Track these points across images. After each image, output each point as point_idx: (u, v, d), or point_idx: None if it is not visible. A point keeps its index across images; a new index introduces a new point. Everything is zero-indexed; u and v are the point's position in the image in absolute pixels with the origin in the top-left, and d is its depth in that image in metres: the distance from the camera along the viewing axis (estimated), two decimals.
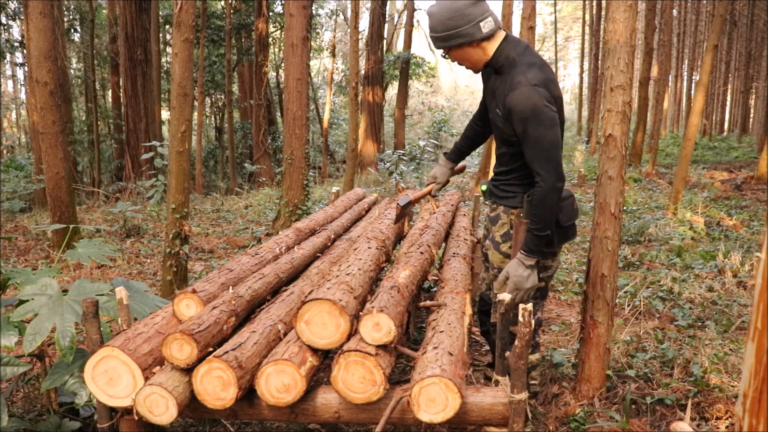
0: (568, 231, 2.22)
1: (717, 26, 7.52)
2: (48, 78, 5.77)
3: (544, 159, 2.01)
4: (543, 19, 41.12)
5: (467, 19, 2.04)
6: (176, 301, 2.14)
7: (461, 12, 2.04)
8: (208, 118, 20.59)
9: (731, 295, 4.39)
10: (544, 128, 2.00)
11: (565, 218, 2.17)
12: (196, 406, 1.83)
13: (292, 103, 6.42)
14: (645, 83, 13.16)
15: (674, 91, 33.00)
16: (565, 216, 2.17)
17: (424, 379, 1.68)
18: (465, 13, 2.04)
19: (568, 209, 2.19)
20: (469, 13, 2.04)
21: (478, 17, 2.04)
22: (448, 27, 2.06)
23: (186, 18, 4.03)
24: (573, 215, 2.22)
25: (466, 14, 2.04)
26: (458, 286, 2.50)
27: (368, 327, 1.81)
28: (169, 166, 4.22)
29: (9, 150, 21.95)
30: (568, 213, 2.19)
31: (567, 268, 5.38)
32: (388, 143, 21.13)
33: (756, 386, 0.82)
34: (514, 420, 1.79)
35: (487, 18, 2.06)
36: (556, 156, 2.02)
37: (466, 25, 2.04)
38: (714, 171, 12.83)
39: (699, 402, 2.75)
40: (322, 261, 2.90)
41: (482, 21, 2.05)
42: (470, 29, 2.05)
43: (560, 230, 2.16)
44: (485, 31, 2.06)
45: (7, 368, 2.06)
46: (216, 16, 15.57)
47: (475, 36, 2.06)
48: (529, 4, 6.27)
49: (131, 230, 7.37)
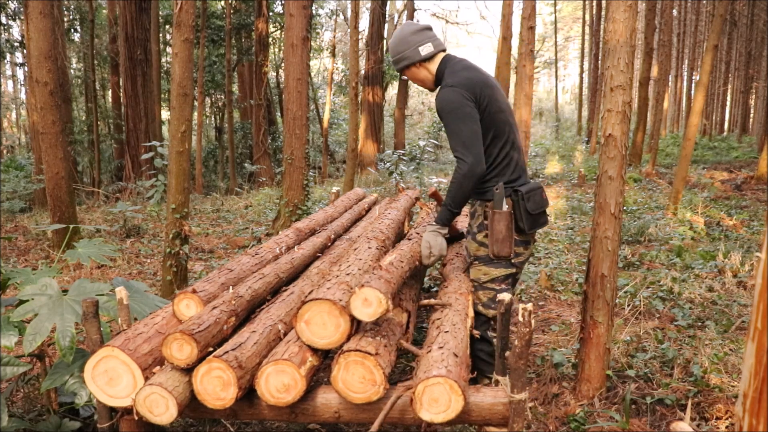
0: (538, 218, 2.45)
1: (717, 26, 7.52)
2: (48, 78, 5.77)
3: (462, 146, 2.32)
4: (543, 19, 41.11)
5: (408, 45, 2.48)
6: (176, 301, 2.14)
7: (404, 39, 2.49)
8: (208, 118, 20.59)
9: (731, 295, 4.39)
10: (461, 121, 2.32)
11: (533, 206, 2.40)
12: (196, 406, 1.83)
13: (292, 103, 6.42)
14: (645, 83, 13.16)
15: (674, 91, 32.99)
16: (532, 204, 2.40)
17: (430, 378, 1.68)
18: (407, 40, 2.48)
19: (536, 198, 2.43)
20: (410, 40, 2.48)
21: (417, 43, 2.47)
22: (396, 52, 2.51)
23: (186, 18, 4.04)
24: (542, 204, 2.46)
25: (408, 41, 2.48)
26: (461, 286, 2.50)
27: (358, 307, 1.79)
28: (169, 166, 4.22)
29: (9, 150, 21.95)
30: (536, 202, 2.43)
31: (567, 268, 5.38)
32: (388, 143, 21.13)
33: (756, 386, 0.82)
34: (514, 420, 1.79)
35: (426, 43, 2.47)
36: (474, 145, 2.32)
37: (407, 49, 2.48)
38: (714, 171, 12.83)
39: (699, 402, 2.75)
40: (322, 261, 2.90)
41: (421, 46, 2.47)
42: (410, 53, 2.47)
43: (529, 217, 2.39)
44: (423, 53, 2.47)
45: (7, 368, 2.06)
46: (216, 16, 15.57)
47: (415, 58, 2.47)
48: (529, 4, 6.27)
49: (131, 230, 7.37)
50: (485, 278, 2.44)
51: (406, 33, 2.48)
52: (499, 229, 2.35)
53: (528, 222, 2.38)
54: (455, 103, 2.32)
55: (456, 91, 2.32)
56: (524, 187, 2.40)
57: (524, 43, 6.37)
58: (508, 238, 2.36)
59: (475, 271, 2.47)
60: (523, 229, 2.39)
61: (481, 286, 2.45)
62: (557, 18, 31.49)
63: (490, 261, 2.42)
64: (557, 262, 5.60)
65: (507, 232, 2.36)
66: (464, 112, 2.31)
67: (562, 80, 52.11)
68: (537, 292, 4.71)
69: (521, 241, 2.43)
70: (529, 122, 6.20)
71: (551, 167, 14.48)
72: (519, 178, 2.45)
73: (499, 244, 2.36)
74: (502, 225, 2.35)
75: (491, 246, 2.39)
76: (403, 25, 2.57)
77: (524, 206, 2.36)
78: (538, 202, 2.43)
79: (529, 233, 2.45)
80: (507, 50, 7.02)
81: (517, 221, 2.38)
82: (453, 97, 2.32)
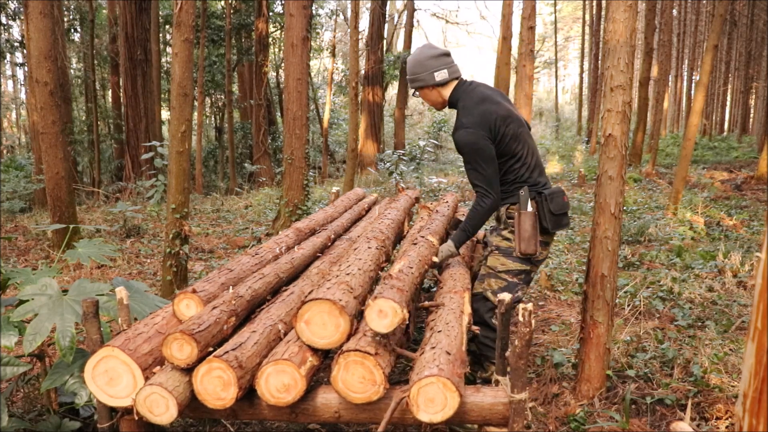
0: (561, 219, 2.58)
1: (717, 26, 7.52)
2: (48, 78, 5.77)
3: (486, 184, 2.51)
4: (543, 19, 41.10)
5: (424, 68, 2.59)
6: (176, 301, 2.14)
7: (422, 63, 2.60)
8: (208, 118, 20.57)
9: (731, 295, 4.39)
10: (484, 162, 2.49)
11: (556, 207, 2.55)
12: (196, 406, 1.83)
13: (292, 103, 6.42)
14: (645, 83, 13.16)
15: (674, 91, 32.99)
16: (555, 206, 2.55)
17: (422, 379, 1.68)
18: (425, 64, 2.59)
19: (558, 200, 2.57)
20: (426, 64, 2.59)
21: (433, 68, 2.59)
22: (412, 72, 2.63)
23: (186, 18, 4.04)
24: (563, 206, 2.59)
25: (426, 65, 2.59)
26: (456, 285, 2.51)
27: (375, 319, 1.78)
28: (169, 166, 4.22)
29: (9, 150, 21.94)
30: (558, 204, 2.57)
31: (567, 268, 5.38)
32: (388, 143, 21.12)
33: (756, 386, 0.82)
34: (514, 420, 1.79)
35: (442, 70, 2.59)
36: (495, 183, 2.52)
37: (423, 72, 2.60)
38: (714, 171, 12.83)
39: (699, 402, 2.75)
40: (322, 261, 2.90)
41: (436, 71, 2.58)
42: (426, 77, 2.59)
43: (552, 217, 2.55)
44: (438, 79, 2.59)
45: (7, 368, 2.06)
46: (216, 16, 15.56)
47: (429, 82, 2.60)
48: (529, 4, 6.27)
49: (131, 230, 7.37)
50: (502, 268, 2.58)
51: (425, 57, 2.60)
52: (525, 228, 2.52)
53: (551, 222, 2.54)
54: (477, 145, 2.47)
55: (475, 134, 2.47)
56: (547, 190, 2.57)
57: (524, 43, 6.37)
58: (534, 237, 2.52)
59: (493, 260, 2.62)
60: (546, 228, 2.55)
61: (495, 274, 2.59)
62: (557, 18, 31.48)
63: (510, 254, 2.57)
64: (557, 262, 5.60)
65: (533, 231, 2.52)
66: (486, 155, 2.48)
67: (562, 80, 52.10)
68: (537, 292, 4.71)
69: (542, 242, 2.59)
70: (529, 122, 6.19)
71: (551, 167, 14.48)
72: (541, 182, 2.60)
73: (525, 242, 2.52)
74: (528, 224, 2.52)
75: (518, 244, 2.54)
76: (424, 46, 2.66)
77: (547, 207, 2.53)
78: (560, 203, 2.57)
79: (552, 233, 2.61)
80: (507, 50, 7.02)
81: (541, 221, 2.55)
82: (473, 139, 2.47)
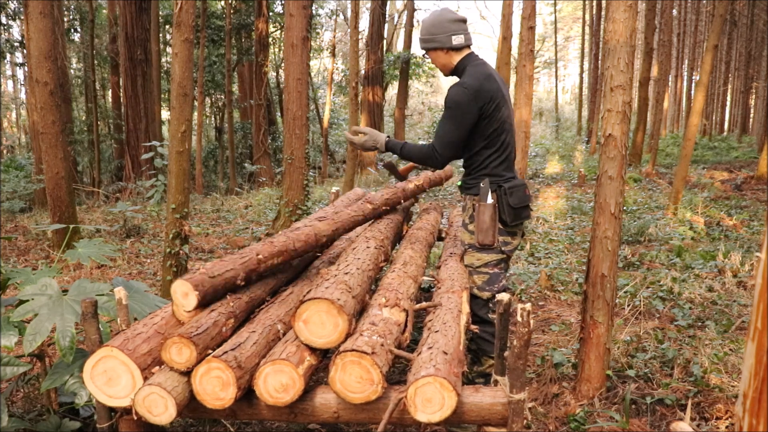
0: (520, 212, 2.63)
1: (717, 26, 7.51)
2: (48, 78, 5.77)
3: (442, 143, 2.58)
4: (543, 19, 41.08)
5: (443, 30, 2.59)
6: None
7: (441, 24, 2.59)
8: (208, 118, 20.57)
9: (731, 295, 4.39)
10: (455, 124, 2.52)
11: (515, 201, 2.59)
12: (195, 406, 1.83)
13: (292, 103, 6.41)
14: (645, 83, 13.16)
15: (674, 91, 32.97)
16: (514, 199, 2.59)
17: (419, 379, 1.68)
18: (444, 25, 2.59)
19: (519, 194, 2.61)
20: (446, 26, 2.59)
21: (451, 31, 2.58)
22: (429, 32, 2.62)
23: (186, 18, 4.03)
24: (524, 199, 2.64)
25: (444, 27, 2.59)
26: (454, 285, 2.51)
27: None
28: (169, 166, 4.21)
29: (9, 150, 21.94)
30: (519, 197, 2.61)
31: (567, 268, 5.38)
32: None
33: (756, 386, 0.82)
34: (513, 420, 1.78)
35: (460, 34, 2.59)
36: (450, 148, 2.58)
37: (441, 34, 2.59)
38: (714, 171, 12.82)
39: (699, 402, 2.75)
40: (321, 261, 2.90)
41: (454, 35, 2.59)
42: (443, 38, 2.59)
43: (512, 210, 2.59)
44: (454, 43, 2.59)
45: (7, 368, 2.06)
46: (216, 16, 15.56)
47: (445, 44, 2.59)
48: (529, 4, 6.27)
49: (131, 230, 7.37)
50: (478, 263, 2.64)
51: (445, 19, 2.60)
52: (483, 219, 2.58)
53: (510, 215, 2.59)
54: (461, 105, 2.49)
55: (468, 94, 2.48)
56: (507, 183, 2.60)
57: (524, 43, 6.37)
58: (492, 228, 2.58)
59: (468, 258, 2.69)
60: (505, 221, 2.60)
61: (475, 270, 2.65)
62: (557, 18, 31.48)
63: (481, 248, 2.63)
64: (557, 262, 5.60)
65: (491, 222, 2.57)
66: (463, 118, 2.51)
67: (562, 80, 52.10)
68: (537, 292, 4.71)
69: (507, 232, 2.64)
70: (529, 122, 6.19)
71: (551, 167, 14.48)
72: (505, 176, 2.63)
73: (483, 233, 2.58)
74: (486, 216, 2.57)
75: (477, 234, 2.61)
76: (443, 9, 2.66)
77: (507, 200, 2.57)
78: (520, 196, 2.62)
79: (512, 225, 2.64)
80: (507, 50, 7.02)
81: (500, 213, 2.59)
82: (463, 98, 2.48)
